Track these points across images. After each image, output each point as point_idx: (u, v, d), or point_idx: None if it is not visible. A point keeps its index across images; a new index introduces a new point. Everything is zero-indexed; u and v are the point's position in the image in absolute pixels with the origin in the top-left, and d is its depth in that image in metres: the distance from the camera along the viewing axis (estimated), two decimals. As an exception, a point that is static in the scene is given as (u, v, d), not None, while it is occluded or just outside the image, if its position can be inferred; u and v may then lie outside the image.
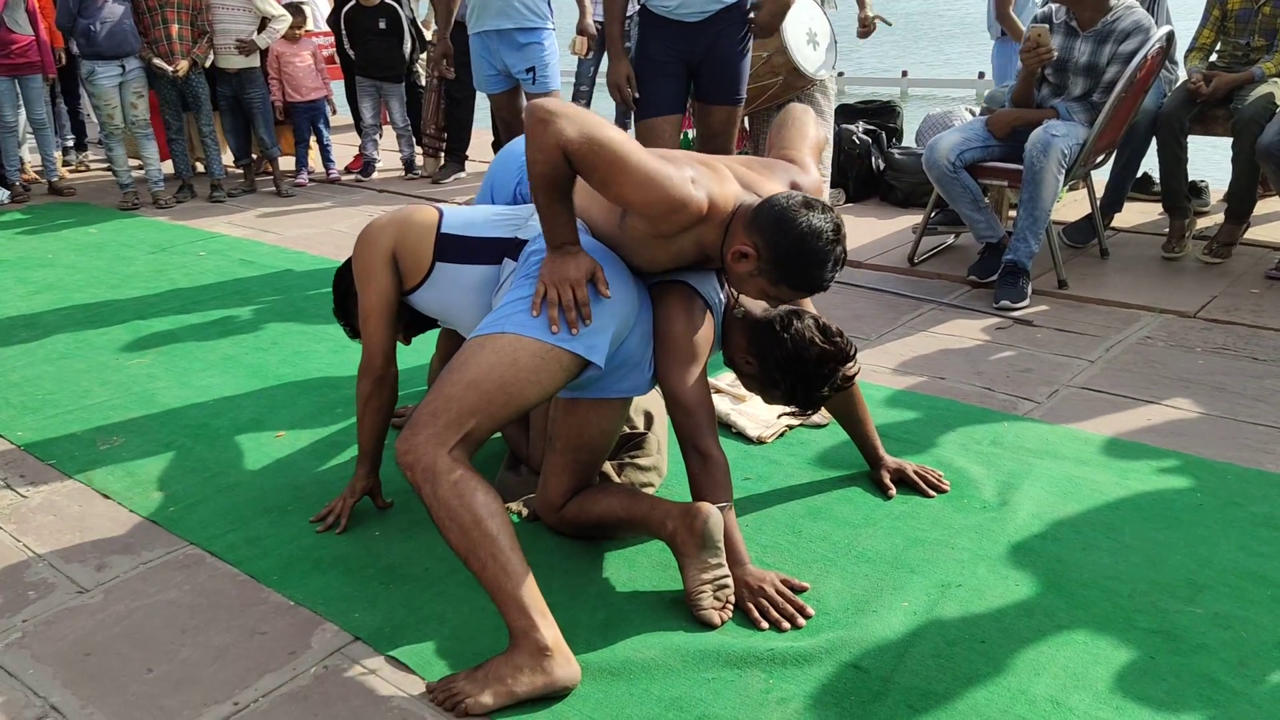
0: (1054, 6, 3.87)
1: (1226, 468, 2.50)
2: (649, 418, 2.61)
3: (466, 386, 1.85)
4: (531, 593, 1.77)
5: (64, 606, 2.08)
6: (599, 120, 1.81)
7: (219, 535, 2.32)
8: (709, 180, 1.91)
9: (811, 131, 2.31)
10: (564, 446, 2.15)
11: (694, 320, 2.08)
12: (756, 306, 2.16)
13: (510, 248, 2.15)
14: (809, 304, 2.40)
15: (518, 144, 2.51)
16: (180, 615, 2.04)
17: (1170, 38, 3.85)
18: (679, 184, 1.83)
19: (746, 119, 4.24)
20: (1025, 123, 3.84)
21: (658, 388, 2.14)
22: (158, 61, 5.65)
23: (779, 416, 2.71)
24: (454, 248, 2.19)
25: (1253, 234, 4.35)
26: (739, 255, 1.90)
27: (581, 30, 4.81)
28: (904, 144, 5.68)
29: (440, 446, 1.80)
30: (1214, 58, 4.34)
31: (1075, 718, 1.69)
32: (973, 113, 4.93)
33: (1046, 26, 3.74)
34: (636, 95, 3.52)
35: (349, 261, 2.44)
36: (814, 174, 2.20)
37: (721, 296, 2.17)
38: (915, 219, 4.82)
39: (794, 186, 2.13)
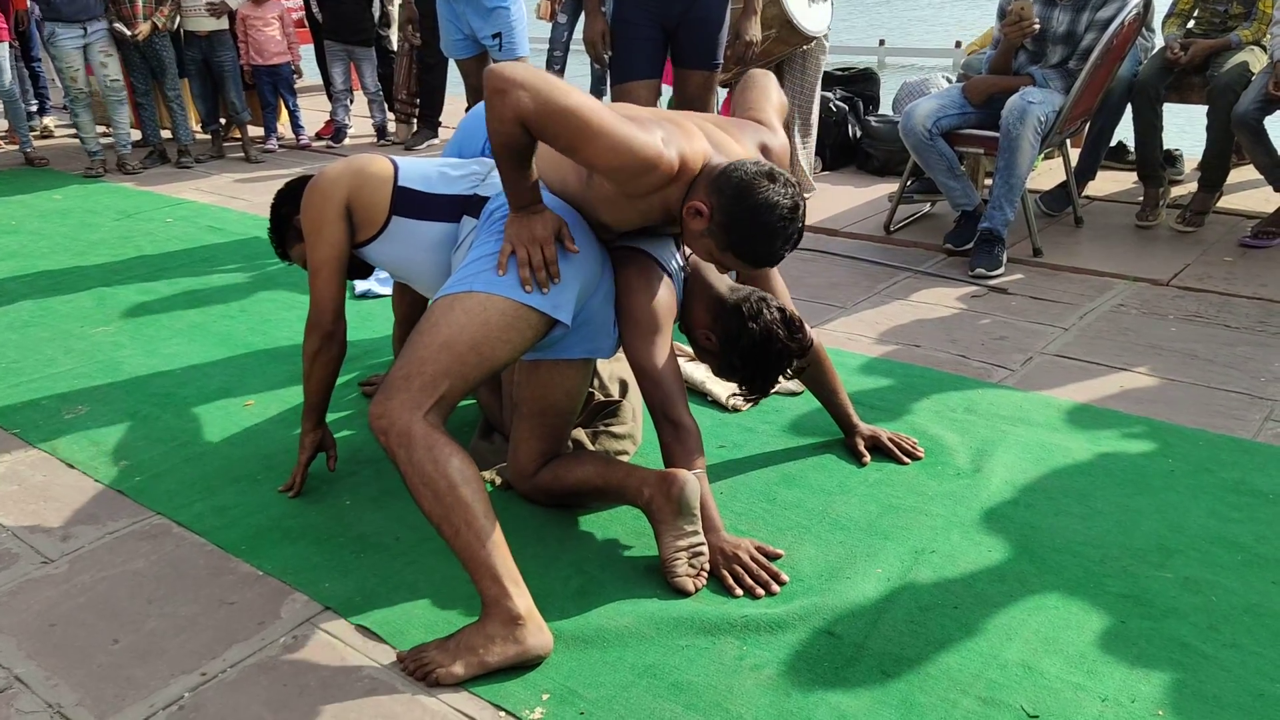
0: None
1: (1198, 434, 2.51)
2: (624, 386, 2.59)
3: (439, 348, 1.82)
4: (504, 561, 1.75)
5: (28, 577, 2.04)
6: (557, 86, 1.75)
7: (186, 505, 2.28)
8: (679, 138, 1.87)
9: (775, 96, 2.29)
10: (529, 411, 2.13)
11: (655, 290, 2.06)
12: (722, 285, 2.14)
13: (470, 205, 2.11)
14: (777, 278, 2.38)
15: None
16: (147, 586, 2.01)
17: (1147, 4, 3.83)
18: (648, 145, 1.79)
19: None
20: (1002, 89, 3.82)
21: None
22: (118, 25, 5.52)
23: (729, 396, 2.70)
24: (411, 202, 2.14)
25: (1226, 202, 4.36)
26: (694, 212, 1.87)
27: None
28: (881, 112, 5.65)
29: (415, 411, 1.77)
30: (1191, 24, 4.33)
31: (1046, 681, 1.69)
32: (949, 80, 4.92)
33: None
34: (609, 53, 3.48)
35: (290, 186, 2.40)
36: (782, 136, 2.18)
37: (680, 263, 2.15)
38: (891, 187, 4.80)
39: (763, 148, 2.10)
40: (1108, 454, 2.42)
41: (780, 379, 2.10)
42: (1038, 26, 3.71)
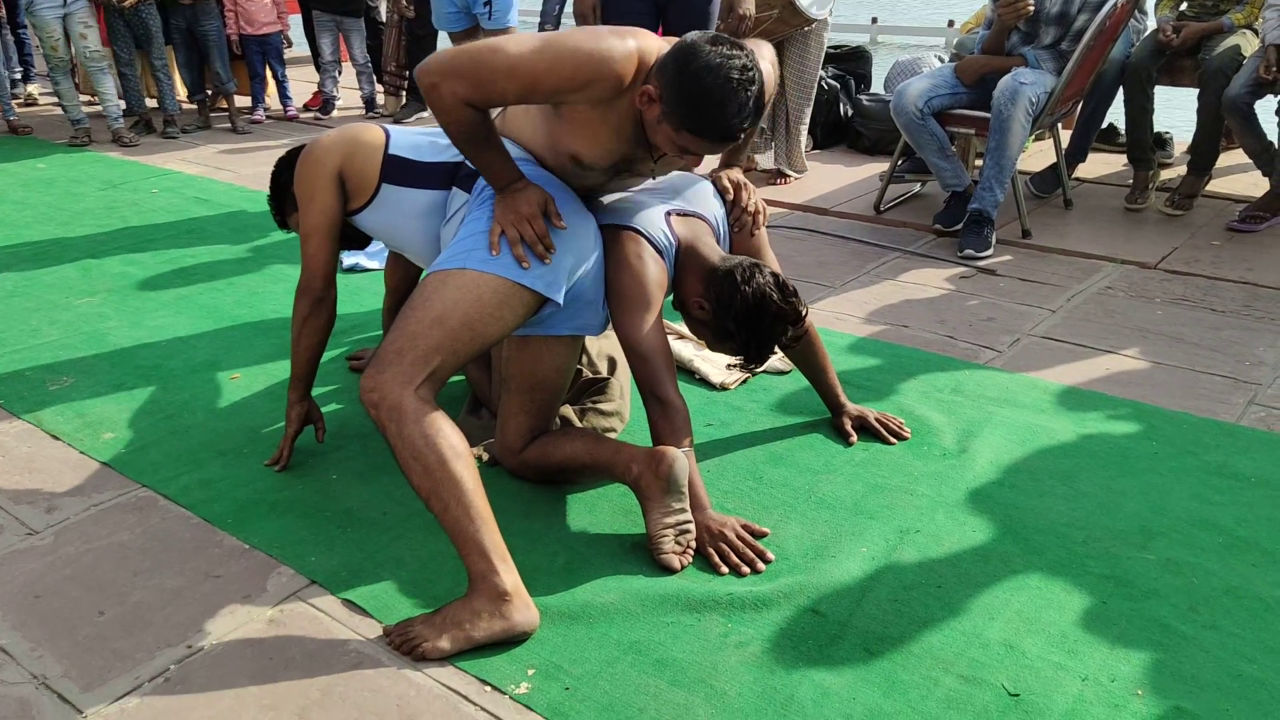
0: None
1: (1182, 417, 2.53)
2: (612, 363, 2.59)
3: (431, 323, 1.82)
4: (492, 536, 1.75)
5: (12, 549, 2.04)
6: (477, 53, 1.76)
7: (172, 478, 2.28)
8: (639, 37, 1.84)
9: (768, 54, 2.21)
10: (518, 386, 2.13)
11: (645, 266, 2.05)
12: (714, 255, 2.13)
13: (459, 176, 2.13)
14: (771, 257, 2.38)
15: None
16: (132, 558, 2.00)
17: (1141, -14, 3.83)
18: (585, 41, 1.78)
19: None
20: (994, 70, 3.81)
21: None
22: (105, -11, 5.45)
23: (727, 367, 2.71)
24: (401, 170, 2.16)
25: (1214, 186, 4.37)
26: (646, 98, 1.82)
27: None
28: (872, 90, 5.63)
29: (407, 385, 1.77)
30: (1183, 7, 4.33)
31: (1028, 661, 1.71)
32: (942, 59, 4.90)
33: None
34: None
35: (290, 154, 2.40)
36: (768, 64, 2.09)
37: (671, 239, 2.14)
38: (882, 166, 4.80)
39: None
40: (1092, 436, 2.44)
41: (776, 348, 2.09)
42: (1032, 8, 3.70)
